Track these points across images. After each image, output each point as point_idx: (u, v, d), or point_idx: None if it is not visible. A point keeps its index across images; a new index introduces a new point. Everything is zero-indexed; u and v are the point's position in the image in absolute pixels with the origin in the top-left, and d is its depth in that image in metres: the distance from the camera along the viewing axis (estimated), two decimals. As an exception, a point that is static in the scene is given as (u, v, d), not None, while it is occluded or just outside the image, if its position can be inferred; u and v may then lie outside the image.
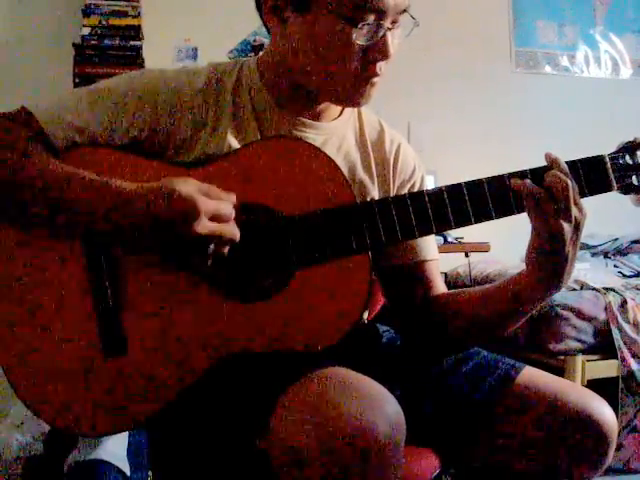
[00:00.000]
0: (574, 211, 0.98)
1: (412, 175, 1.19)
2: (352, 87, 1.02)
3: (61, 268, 0.98)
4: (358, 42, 0.97)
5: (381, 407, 0.83)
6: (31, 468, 1.85)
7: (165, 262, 0.95)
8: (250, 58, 1.13)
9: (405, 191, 1.18)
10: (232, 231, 0.93)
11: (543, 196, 0.97)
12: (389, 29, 0.98)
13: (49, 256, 0.98)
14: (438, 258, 1.18)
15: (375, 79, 1.02)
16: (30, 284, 0.98)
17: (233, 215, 0.93)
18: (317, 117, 1.11)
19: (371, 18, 0.96)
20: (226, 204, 0.93)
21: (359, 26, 0.96)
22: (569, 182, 0.97)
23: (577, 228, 0.99)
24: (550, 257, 0.99)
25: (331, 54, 0.99)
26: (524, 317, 1.07)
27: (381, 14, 0.97)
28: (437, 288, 1.17)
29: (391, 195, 1.15)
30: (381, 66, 1.01)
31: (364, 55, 0.99)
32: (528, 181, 0.99)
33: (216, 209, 0.91)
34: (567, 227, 0.97)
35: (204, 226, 0.89)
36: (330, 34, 0.98)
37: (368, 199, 1.12)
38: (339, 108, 1.13)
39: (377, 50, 0.99)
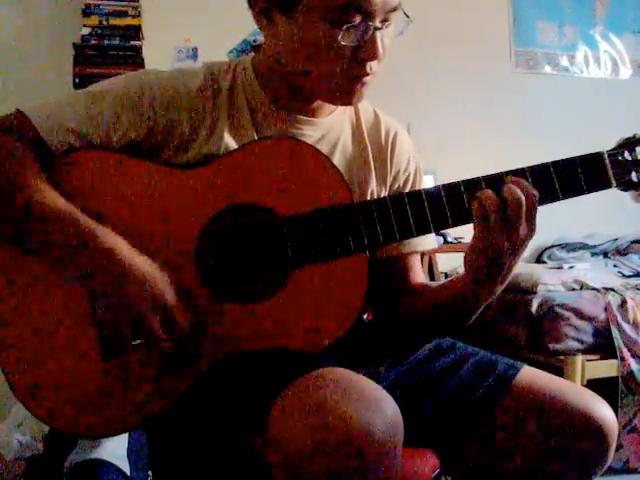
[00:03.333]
0: (521, 230, 0.95)
1: (407, 167, 1.19)
2: (343, 87, 1.02)
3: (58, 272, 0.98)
4: (344, 43, 0.97)
5: (379, 407, 0.83)
6: (31, 468, 1.85)
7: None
8: (245, 58, 1.14)
9: (400, 182, 1.19)
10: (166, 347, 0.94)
11: (494, 207, 0.95)
12: (378, 28, 0.97)
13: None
14: (420, 250, 1.19)
15: (366, 79, 1.02)
16: (29, 290, 0.97)
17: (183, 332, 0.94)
18: (313, 114, 1.11)
19: (357, 19, 0.96)
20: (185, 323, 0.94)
21: (344, 28, 0.95)
22: (522, 198, 0.94)
23: (521, 245, 0.97)
24: (485, 268, 1.00)
25: (319, 55, 0.99)
26: (472, 313, 1.09)
27: (368, 14, 0.96)
28: (414, 278, 1.19)
29: (388, 184, 1.16)
30: (371, 65, 1.00)
31: (353, 55, 0.98)
32: (489, 191, 0.96)
33: (174, 318, 0.93)
34: (507, 245, 0.96)
35: (154, 321, 0.92)
36: (316, 36, 0.97)
37: (367, 191, 1.13)
38: None
39: (366, 50, 0.98)
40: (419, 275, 1.21)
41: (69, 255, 0.93)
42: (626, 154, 1.02)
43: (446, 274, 2.96)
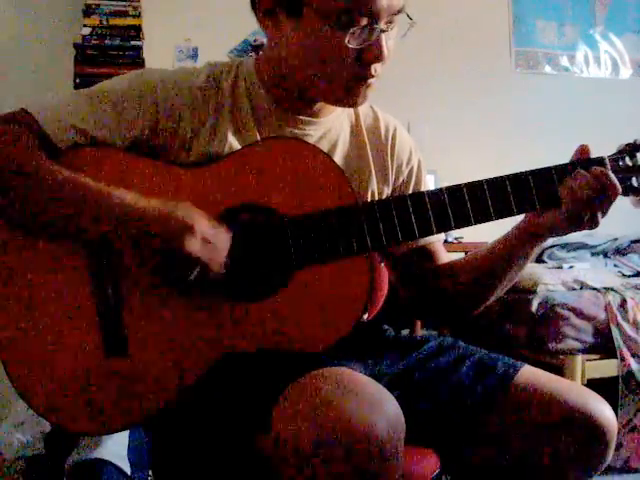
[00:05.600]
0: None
1: (409, 159, 1.20)
2: (347, 89, 1.03)
3: (63, 268, 0.98)
4: (350, 45, 0.97)
5: (380, 407, 0.83)
6: (32, 467, 1.85)
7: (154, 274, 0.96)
8: (248, 58, 1.14)
9: (404, 175, 1.19)
10: (219, 264, 0.94)
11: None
12: (383, 31, 0.98)
13: (52, 257, 0.98)
14: (442, 237, 1.21)
15: (370, 80, 1.02)
16: (33, 285, 0.98)
17: (226, 250, 0.95)
18: (315, 114, 1.11)
19: (363, 21, 0.96)
20: (224, 236, 0.95)
21: (351, 30, 0.96)
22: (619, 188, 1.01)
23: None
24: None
25: (324, 58, 0.99)
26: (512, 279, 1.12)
27: (374, 17, 0.96)
28: (442, 260, 1.20)
29: (390, 181, 1.17)
30: (376, 67, 1.01)
31: (358, 57, 0.99)
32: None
33: (212, 235, 0.94)
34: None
35: (195, 245, 0.92)
36: (322, 38, 0.98)
37: (368, 189, 1.13)
38: None
39: (371, 52, 0.98)
40: (445, 257, 1.22)
41: (100, 218, 0.94)
42: (627, 159, 1.04)
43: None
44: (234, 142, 1.05)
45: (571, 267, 2.75)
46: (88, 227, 0.95)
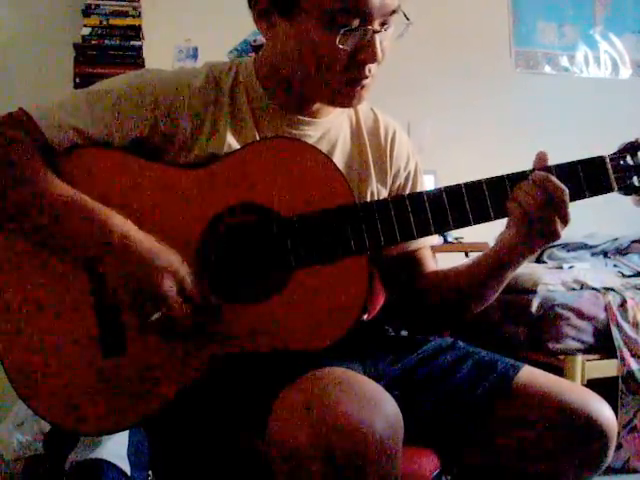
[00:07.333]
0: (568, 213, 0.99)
1: (407, 164, 1.20)
2: (342, 90, 1.02)
3: (62, 268, 0.98)
4: (343, 47, 0.97)
5: (379, 407, 0.83)
6: (32, 468, 1.85)
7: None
8: (247, 58, 1.14)
9: (401, 180, 1.19)
10: (183, 321, 0.94)
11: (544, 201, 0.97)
12: (376, 31, 0.97)
13: (49, 258, 0.98)
14: (431, 243, 1.20)
15: (365, 81, 1.02)
16: (31, 284, 0.98)
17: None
18: (314, 114, 1.11)
19: (355, 22, 0.96)
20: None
21: (342, 32, 0.95)
22: (565, 189, 0.98)
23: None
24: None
25: (318, 59, 0.99)
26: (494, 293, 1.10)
27: (366, 17, 0.96)
28: (429, 268, 1.19)
29: (388, 184, 1.17)
30: (370, 68, 1.01)
31: (352, 58, 0.98)
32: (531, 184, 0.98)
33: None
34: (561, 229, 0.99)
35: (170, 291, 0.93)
36: (315, 39, 0.97)
37: (367, 190, 1.13)
38: None
39: (364, 53, 0.98)
40: (432, 265, 1.21)
41: (84, 240, 0.95)
42: (628, 159, 1.03)
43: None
44: (233, 142, 1.05)
45: (571, 267, 2.75)
46: (75, 248, 0.97)
